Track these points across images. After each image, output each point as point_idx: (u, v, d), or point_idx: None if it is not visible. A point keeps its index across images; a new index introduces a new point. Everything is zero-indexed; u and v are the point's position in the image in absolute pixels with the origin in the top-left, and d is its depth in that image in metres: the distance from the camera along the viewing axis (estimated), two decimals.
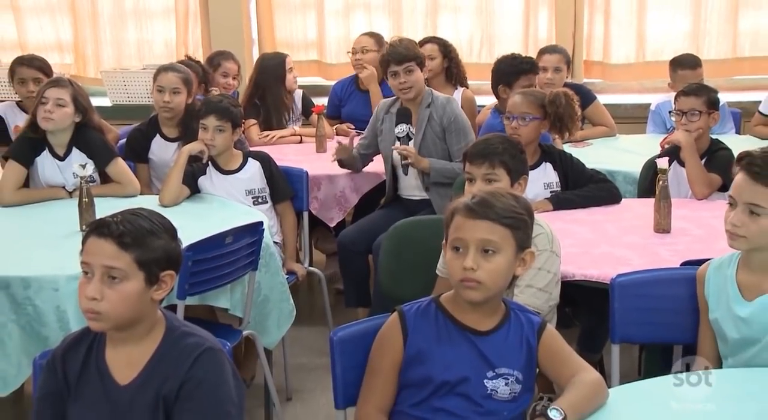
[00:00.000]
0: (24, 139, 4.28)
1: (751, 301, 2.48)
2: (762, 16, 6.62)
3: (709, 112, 4.12)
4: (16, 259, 3.40)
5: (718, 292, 2.57)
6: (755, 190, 2.41)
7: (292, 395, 4.18)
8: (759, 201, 2.40)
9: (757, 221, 2.41)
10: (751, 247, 2.47)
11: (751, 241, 2.45)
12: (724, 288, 2.55)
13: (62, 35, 7.42)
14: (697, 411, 2.17)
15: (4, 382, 3.21)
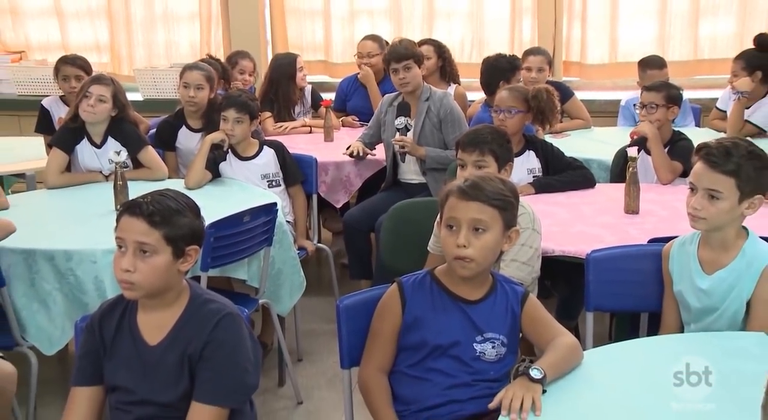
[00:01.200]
0: (66, 128, 4.29)
1: (711, 275, 2.49)
2: (719, 23, 6.61)
3: (667, 105, 4.11)
4: (60, 235, 3.40)
5: (681, 268, 2.58)
6: (713, 177, 2.42)
7: (303, 356, 4.19)
8: (717, 186, 2.41)
9: (715, 204, 2.42)
10: (710, 228, 2.48)
11: (710, 222, 2.45)
12: (687, 264, 2.56)
13: (100, 37, 7.44)
14: (661, 372, 2.18)
15: (50, 342, 3.24)
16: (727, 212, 2.43)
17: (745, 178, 2.41)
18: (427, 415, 2.23)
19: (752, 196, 2.43)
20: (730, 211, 2.43)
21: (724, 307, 2.47)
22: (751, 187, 2.42)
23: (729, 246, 2.49)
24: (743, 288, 2.45)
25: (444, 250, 2.28)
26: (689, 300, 2.55)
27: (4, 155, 4.87)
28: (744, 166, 2.41)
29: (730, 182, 2.41)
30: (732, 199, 2.42)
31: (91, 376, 2.20)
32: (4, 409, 2.81)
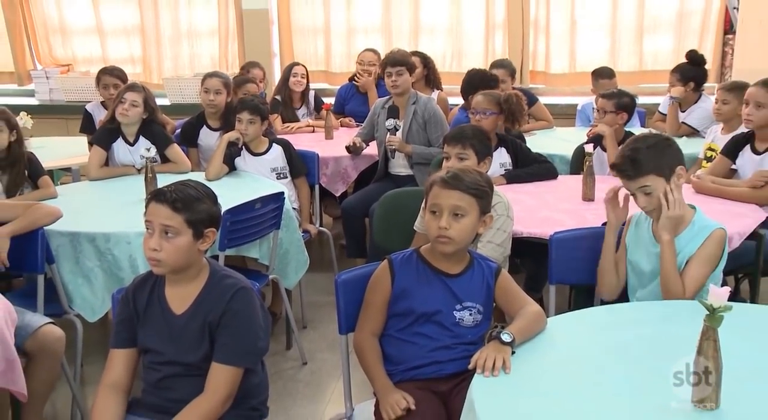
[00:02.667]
0: (104, 129, 4.31)
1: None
2: (660, 40, 6.68)
3: (616, 111, 4.12)
4: (100, 220, 3.40)
5: (636, 241, 2.60)
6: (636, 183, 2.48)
7: (307, 324, 4.18)
8: (645, 184, 2.46)
9: (651, 198, 2.47)
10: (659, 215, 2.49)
11: (657, 213, 2.48)
12: (641, 236, 2.59)
13: (134, 52, 7.51)
14: (613, 335, 2.18)
15: (93, 311, 3.25)
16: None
17: (658, 167, 2.45)
18: (413, 374, 2.23)
19: (674, 170, 2.46)
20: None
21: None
22: (668, 166, 2.46)
23: (678, 220, 2.48)
24: (689, 250, 2.46)
25: (428, 231, 2.28)
26: (642, 265, 2.57)
27: (54, 152, 4.85)
28: (651, 159, 2.45)
29: (651, 177, 2.45)
30: (661, 184, 2.45)
31: (126, 340, 2.20)
32: (56, 367, 2.85)
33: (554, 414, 1.72)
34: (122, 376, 2.17)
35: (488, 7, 6.82)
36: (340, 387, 2.47)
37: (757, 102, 3.71)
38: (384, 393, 2.18)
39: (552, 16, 6.77)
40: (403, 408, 2.11)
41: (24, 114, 4.66)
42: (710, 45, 6.48)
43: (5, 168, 3.65)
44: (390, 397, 2.15)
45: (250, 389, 2.21)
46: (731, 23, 6.34)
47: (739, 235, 3.14)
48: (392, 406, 2.12)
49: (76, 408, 3.22)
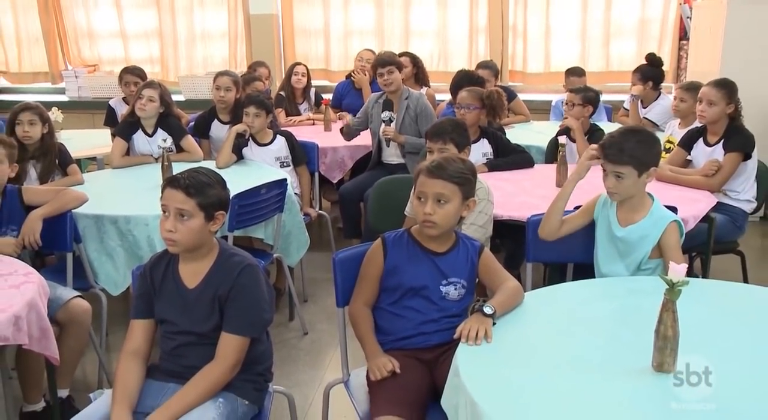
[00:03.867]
0: (125, 122, 4.28)
1: (624, 228, 2.50)
2: (624, 44, 6.70)
3: (583, 104, 4.12)
4: (122, 204, 3.37)
5: (603, 220, 2.58)
6: (615, 167, 2.43)
7: (308, 298, 4.16)
8: (620, 171, 2.42)
9: (621, 183, 2.43)
10: (623, 198, 2.49)
11: (621, 195, 2.47)
12: (607, 219, 2.56)
13: (153, 53, 7.50)
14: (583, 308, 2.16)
15: (116, 285, 3.25)
16: (633, 185, 2.45)
17: (638, 162, 2.41)
18: (402, 344, 2.21)
19: (648, 169, 2.44)
20: (634, 184, 2.44)
21: (633, 256, 2.48)
22: (645, 164, 2.43)
23: (638, 208, 2.49)
24: (650, 240, 2.45)
25: (415, 215, 2.25)
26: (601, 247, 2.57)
27: (82, 143, 4.84)
28: (635, 153, 2.41)
29: (629, 168, 2.42)
30: (632, 177, 2.43)
31: (144, 312, 2.17)
32: (84, 335, 2.86)
33: (531, 378, 1.71)
34: (142, 344, 2.14)
35: (472, 13, 6.81)
36: (338, 355, 2.46)
37: (709, 100, 3.72)
38: (372, 356, 2.17)
39: (529, 22, 6.76)
40: (389, 370, 2.10)
41: (55, 109, 4.64)
42: (668, 49, 6.53)
43: (38, 157, 3.64)
44: (378, 359, 2.14)
45: (257, 357, 2.18)
46: (685, 30, 6.36)
47: (693, 218, 3.14)
48: (379, 368, 2.11)
49: (102, 372, 3.22)
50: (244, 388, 2.14)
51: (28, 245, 2.90)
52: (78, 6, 7.45)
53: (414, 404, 2.05)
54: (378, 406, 2.05)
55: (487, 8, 6.72)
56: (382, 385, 2.11)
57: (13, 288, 2.33)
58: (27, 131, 3.57)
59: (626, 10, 6.59)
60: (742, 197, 3.74)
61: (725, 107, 3.72)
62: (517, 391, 1.65)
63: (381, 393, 2.10)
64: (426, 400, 2.11)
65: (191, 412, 1.98)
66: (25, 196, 3.00)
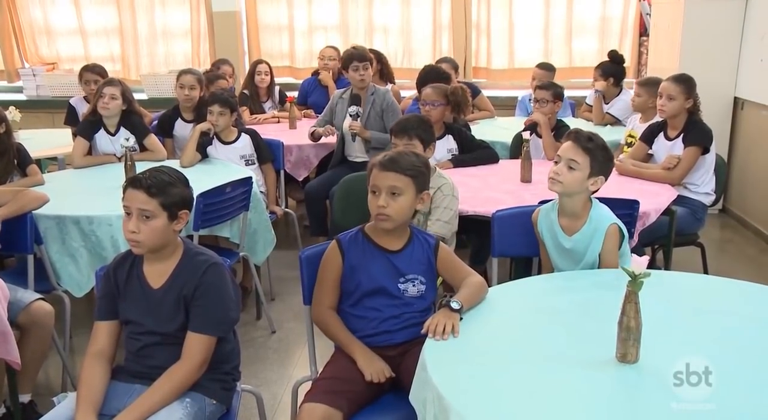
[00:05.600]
0: (87, 121, 4.21)
1: (571, 237, 2.49)
2: (586, 42, 6.78)
3: (554, 101, 4.15)
4: (84, 204, 3.31)
5: (548, 231, 2.57)
6: (576, 152, 2.42)
7: (275, 297, 4.15)
8: (576, 158, 2.42)
9: (572, 173, 2.42)
10: (563, 192, 2.46)
11: (564, 186, 2.44)
12: (551, 228, 2.55)
13: (114, 50, 7.39)
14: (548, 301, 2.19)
15: (79, 287, 3.21)
16: (579, 182, 2.43)
17: (596, 160, 2.42)
18: (366, 342, 2.20)
19: (597, 176, 2.43)
20: (581, 182, 2.43)
21: (584, 261, 2.47)
22: (598, 168, 2.43)
23: (579, 214, 2.47)
24: (595, 246, 2.44)
25: (370, 209, 2.24)
26: (556, 257, 2.56)
27: (42, 143, 4.76)
28: (597, 151, 2.42)
29: (587, 159, 2.41)
30: (584, 172, 2.42)
31: (108, 313, 2.15)
32: (47, 338, 2.80)
33: (497, 371, 1.73)
34: (106, 345, 2.12)
35: (435, 10, 6.84)
36: (306, 352, 2.45)
37: (669, 95, 3.79)
38: (366, 359, 2.14)
39: (492, 19, 6.81)
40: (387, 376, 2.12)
41: (13, 108, 4.56)
42: (628, 45, 6.65)
43: None
44: (375, 364, 2.13)
45: (224, 356, 2.17)
46: (645, 27, 6.46)
47: (655, 211, 3.20)
48: (378, 373, 2.11)
49: (66, 375, 3.17)
50: (212, 387, 2.12)
51: None
52: (34, 2, 7.31)
53: (353, 398, 2.07)
54: (311, 394, 2.07)
55: (451, 5, 6.75)
56: (327, 377, 2.13)
57: None
58: None
59: (588, 8, 6.69)
60: (702, 190, 3.82)
61: (684, 102, 3.79)
62: (484, 384, 1.67)
63: (321, 383, 2.12)
64: (369, 396, 2.13)
65: (158, 413, 1.96)
66: None
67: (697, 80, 3.85)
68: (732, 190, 5.54)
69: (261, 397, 2.39)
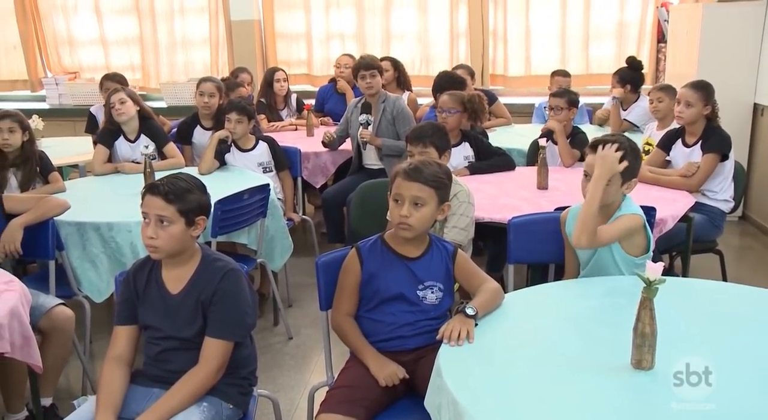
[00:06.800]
0: (106, 129, 4.26)
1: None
2: (603, 47, 6.74)
3: (569, 108, 4.14)
4: (104, 210, 3.36)
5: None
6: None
7: (292, 303, 4.16)
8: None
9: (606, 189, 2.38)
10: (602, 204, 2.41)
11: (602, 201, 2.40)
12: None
13: (134, 59, 7.47)
14: (565, 308, 2.19)
15: (99, 292, 3.24)
16: (614, 193, 2.42)
17: (627, 167, 2.39)
18: (379, 347, 2.21)
19: (630, 180, 2.43)
20: (616, 192, 2.42)
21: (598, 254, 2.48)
22: (629, 173, 2.41)
23: (611, 215, 2.46)
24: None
25: (391, 217, 2.25)
26: (580, 253, 2.56)
27: (63, 150, 4.82)
28: (626, 157, 2.39)
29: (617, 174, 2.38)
30: (617, 183, 2.40)
31: (128, 318, 2.17)
32: (67, 343, 2.84)
33: (512, 378, 1.73)
34: (126, 350, 2.15)
35: (452, 17, 6.84)
36: (323, 358, 2.46)
37: (687, 101, 3.77)
38: (379, 364, 2.15)
39: (509, 26, 6.80)
40: (400, 378, 2.13)
41: (36, 117, 4.61)
42: (646, 52, 6.60)
43: (19, 165, 3.63)
44: (387, 368, 2.14)
45: (241, 361, 2.19)
46: (663, 33, 6.43)
47: (672, 217, 3.18)
48: (390, 376, 2.12)
49: (86, 379, 3.21)
50: (229, 392, 2.14)
51: (9, 254, 2.89)
52: (57, 13, 7.42)
53: (368, 405, 2.08)
54: (326, 404, 2.08)
55: (467, 12, 6.76)
56: (341, 386, 2.14)
57: None
58: (7, 139, 3.56)
59: (605, 14, 6.65)
60: (720, 197, 3.79)
61: (702, 108, 3.77)
62: (499, 390, 1.67)
63: (336, 392, 2.13)
64: (384, 402, 2.14)
65: (176, 417, 1.99)
66: (6, 204, 2.99)
67: (716, 86, 3.83)
68: (752, 197, 5.49)
69: (278, 403, 2.41)
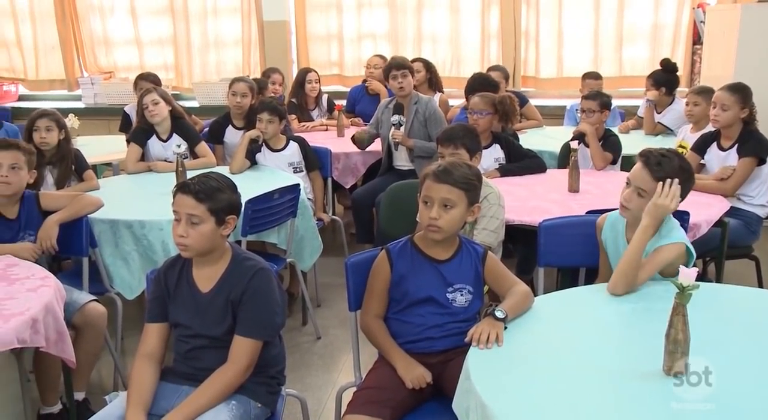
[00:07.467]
0: (139, 128, 4.31)
1: None
2: (637, 49, 6.65)
3: (601, 110, 4.10)
4: (136, 209, 3.40)
5: (612, 242, 2.51)
6: (644, 179, 2.33)
7: (321, 303, 4.18)
8: (644, 187, 2.32)
9: (640, 200, 2.33)
10: (633, 218, 2.38)
11: (633, 213, 2.37)
12: (616, 240, 2.48)
13: (167, 59, 7.51)
14: (595, 312, 2.16)
15: (131, 289, 3.29)
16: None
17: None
18: (406, 348, 2.21)
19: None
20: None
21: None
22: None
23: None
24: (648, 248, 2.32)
25: (420, 219, 2.24)
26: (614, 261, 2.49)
27: (97, 149, 4.88)
28: (671, 175, 2.29)
29: (656, 186, 2.29)
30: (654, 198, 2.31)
31: (158, 315, 2.19)
32: (99, 339, 2.90)
33: (541, 382, 1.72)
34: (156, 347, 2.16)
35: (484, 18, 6.80)
36: (351, 359, 2.46)
37: (723, 104, 3.72)
38: (406, 366, 2.15)
39: (541, 27, 6.74)
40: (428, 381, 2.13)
41: (72, 116, 4.66)
42: (681, 53, 6.49)
43: (55, 163, 3.69)
44: (415, 370, 2.14)
45: (269, 360, 2.20)
46: (699, 35, 6.32)
47: (706, 222, 3.14)
48: (418, 379, 2.12)
49: (118, 375, 3.25)
50: (257, 390, 2.15)
51: (45, 250, 2.94)
52: (94, 14, 7.52)
53: (395, 406, 2.07)
54: (353, 405, 2.08)
55: (500, 13, 6.72)
56: (368, 387, 2.14)
57: (31, 291, 2.37)
58: (44, 137, 3.62)
59: (639, 15, 6.56)
60: (757, 202, 3.72)
61: (739, 111, 3.71)
62: (528, 394, 1.66)
63: (362, 393, 2.13)
64: (411, 403, 2.13)
65: (204, 414, 2.00)
66: (42, 202, 3.04)
67: (753, 89, 3.76)
68: None
69: (305, 402, 2.41)
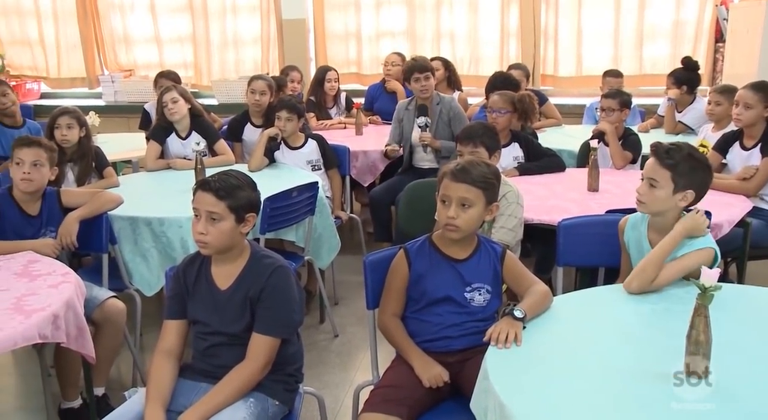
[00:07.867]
0: (158, 126, 4.33)
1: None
2: (658, 47, 6.58)
3: (621, 109, 4.06)
4: (156, 206, 3.42)
5: (635, 244, 2.47)
6: (655, 169, 2.32)
7: (339, 301, 4.18)
8: (655, 176, 2.31)
9: (653, 192, 2.32)
10: (648, 211, 2.36)
11: (648, 207, 2.35)
12: (639, 241, 2.45)
13: (186, 57, 7.55)
14: (614, 312, 2.14)
15: (150, 286, 3.30)
16: (663, 200, 2.31)
17: (679, 173, 2.29)
18: (424, 347, 2.21)
19: (685, 190, 2.31)
20: (666, 199, 2.31)
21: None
22: (683, 182, 2.30)
23: (669, 230, 2.33)
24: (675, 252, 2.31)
25: (438, 218, 2.24)
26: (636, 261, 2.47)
27: (117, 146, 4.91)
28: (681, 163, 2.29)
29: (667, 174, 2.29)
30: (667, 189, 2.30)
31: (177, 312, 2.20)
32: (119, 335, 2.92)
33: (560, 382, 1.70)
34: (175, 344, 2.18)
35: (503, 16, 6.77)
36: (368, 357, 2.46)
37: (746, 103, 3.68)
38: (423, 365, 2.15)
39: (560, 25, 6.70)
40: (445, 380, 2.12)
41: (92, 113, 4.69)
42: (703, 51, 6.41)
43: (76, 160, 3.72)
44: (433, 369, 2.14)
45: (287, 357, 2.20)
46: (722, 32, 6.25)
47: (728, 222, 3.11)
48: (435, 378, 2.12)
49: (137, 371, 3.27)
50: (275, 388, 2.16)
51: (66, 246, 2.97)
52: (115, 12, 7.58)
53: (412, 404, 2.07)
54: (370, 404, 2.08)
55: (519, 11, 6.69)
56: (386, 385, 2.14)
57: (52, 287, 2.39)
58: (65, 135, 3.65)
59: (660, 12, 6.49)
60: None
61: (763, 110, 3.66)
62: (547, 394, 1.65)
63: (379, 391, 2.13)
64: (428, 402, 2.13)
65: (222, 411, 2.01)
66: (63, 198, 3.07)
67: None
68: None
69: (323, 400, 2.42)
